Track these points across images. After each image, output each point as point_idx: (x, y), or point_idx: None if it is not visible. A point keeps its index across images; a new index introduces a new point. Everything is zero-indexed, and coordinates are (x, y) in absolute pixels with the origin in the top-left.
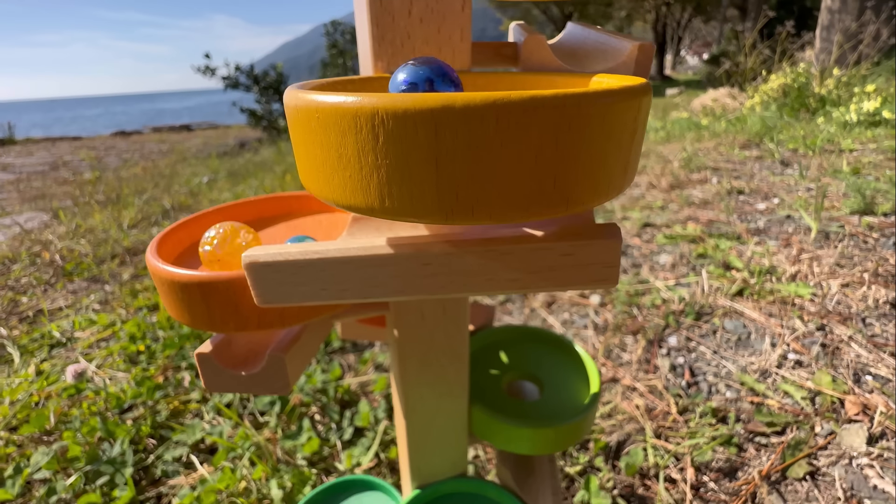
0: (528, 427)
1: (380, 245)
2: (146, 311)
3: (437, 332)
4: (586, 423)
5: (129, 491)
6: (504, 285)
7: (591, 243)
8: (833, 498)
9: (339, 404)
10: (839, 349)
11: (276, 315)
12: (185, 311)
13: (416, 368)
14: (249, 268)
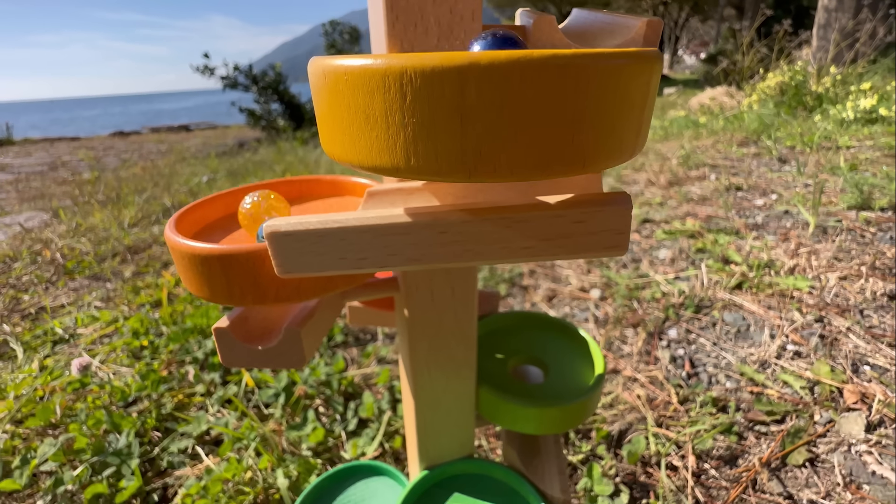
0: (534, 406)
1: (398, 214)
2: (149, 308)
3: (447, 314)
4: (591, 403)
5: (136, 481)
6: (517, 253)
7: (603, 210)
8: (832, 483)
9: (344, 396)
10: (837, 340)
11: (293, 288)
12: (204, 284)
13: (426, 349)
14: (271, 237)
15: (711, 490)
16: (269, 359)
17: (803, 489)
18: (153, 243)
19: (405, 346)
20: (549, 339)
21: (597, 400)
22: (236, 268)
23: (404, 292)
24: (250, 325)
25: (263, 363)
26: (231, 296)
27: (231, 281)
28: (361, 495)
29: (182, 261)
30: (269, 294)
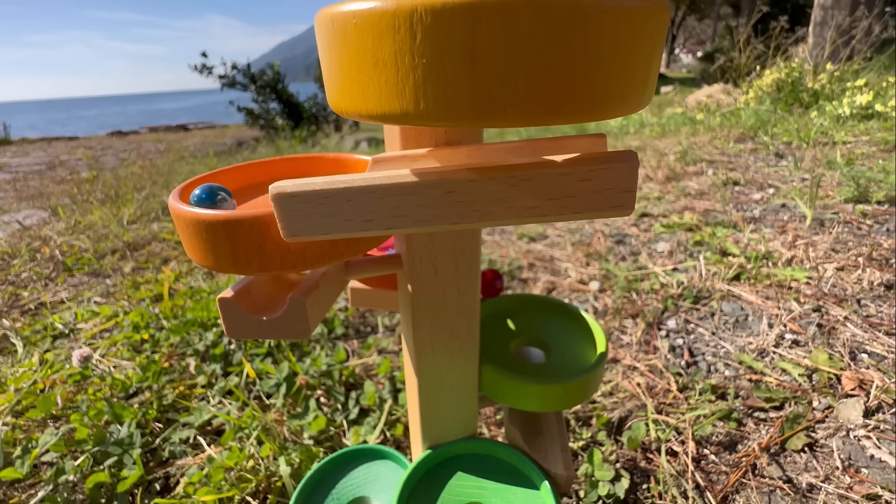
0: (536, 383)
1: (404, 174)
2: (149, 302)
3: (450, 289)
4: (593, 380)
5: (138, 470)
6: (524, 213)
7: (609, 167)
8: (831, 467)
9: (345, 386)
10: (835, 329)
11: (298, 255)
12: (209, 252)
13: (429, 326)
14: (277, 199)
15: (711, 475)
16: (273, 329)
17: (802, 473)
18: (153, 240)
19: (408, 323)
20: (550, 321)
21: (599, 378)
22: (241, 234)
23: (407, 268)
24: (254, 296)
25: (268, 334)
26: (236, 263)
27: (236, 247)
28: (364, 479)
29: (186, 229)
30: (275, 261)
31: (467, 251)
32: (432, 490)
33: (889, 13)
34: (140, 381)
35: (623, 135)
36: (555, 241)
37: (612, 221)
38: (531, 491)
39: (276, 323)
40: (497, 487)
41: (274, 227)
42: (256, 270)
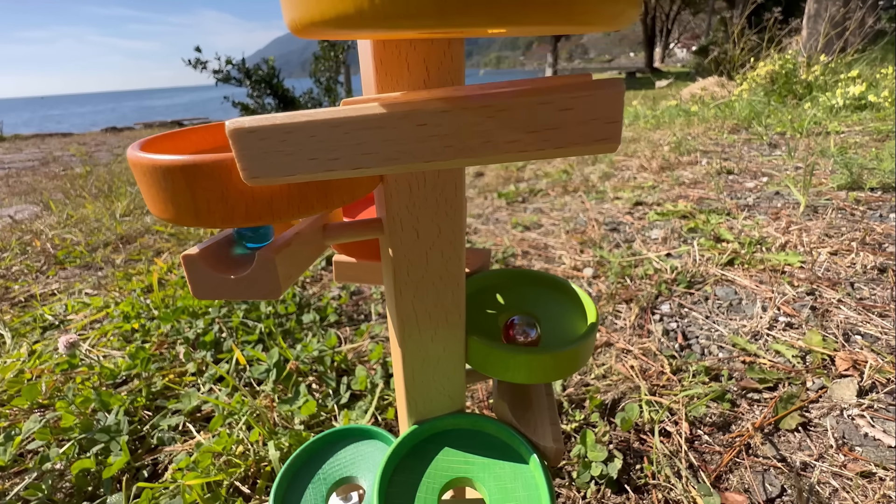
0: (525, 353)
1: (372, 106)
2: (140, 293)
3: (433, 253)
4: (583, 350)
5: (124, 455)
6: (502, 148)
7: (593, 94)
8: (825, 446)
9: (336, 372)
10: (829, 311)
11: (264, 205)
12: (168, 202)
13: (412, 294)
14: (234, 135)
15: (705, 455)
16: (241, 289)
17: (796, 452)
18: (146, 232)
19: (391, 292)
20: (540, 295)
21: (589, 348)
22: (202, 179)
23: (388, 232)
24: (222, 256)
25: (236, 294)
26: (198, 213)
27: (197, 196)
28: (352, 458)
29: (144, 178)
30: (239, 211)
31: (451, 213)
32: (418, 465)
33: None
34: (129, 369)
35: None
36: (549, 229)
37: (608, 210)
38: (520, 465)
39: (245, 282)
40: (485, 462)
41: (236, 173)
42: (220, 222)
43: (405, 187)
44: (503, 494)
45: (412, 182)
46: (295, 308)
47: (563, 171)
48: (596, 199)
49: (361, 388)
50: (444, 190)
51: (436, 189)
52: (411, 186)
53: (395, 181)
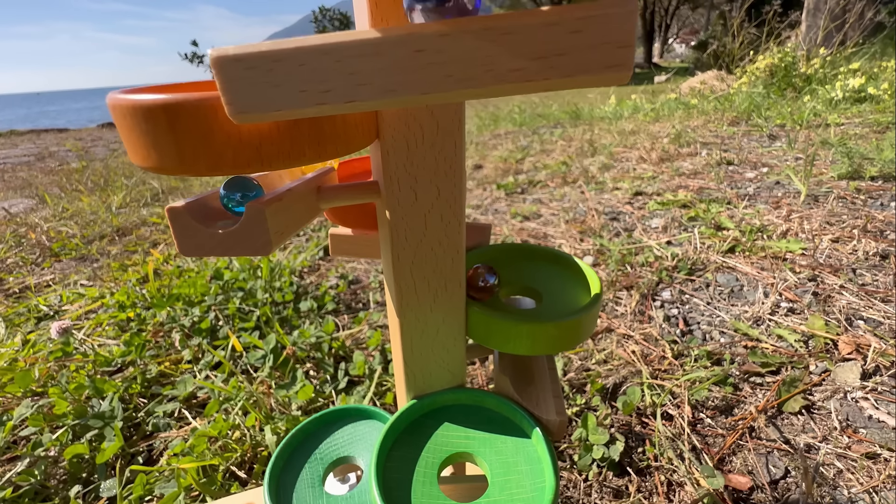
0: (527, 322)
1: (365, 32)
2: (136, 282)
3: (432, 216)
4: (587, 321)
5: (117, 441)
6: (506, 77)
7: (603, 14)
8: (829, 428)
9: (334, 359)
10: (831, 297)
11: (252, 150)
12: (151, 148)
13: (410, 259)
14: (218, 63)
15: (707, 438)
16: (231, 244)
17: (800, 434)
18: (142, 224)
19: (388, 259)
20: (541, 268)
21: (593, 319)
22: (185, 120)
23: (385, 193)
24: (209, 211)
25: (225, 249)
26: (182, 159)
27: (180, 139)
28: (349, 438)
29: (125, 122)
30: (226, 157)
31: (450, 174)
32: (417, 440)
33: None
34: (123, 356)
35: (617, 119)
36: (549, 219)
37: (607, 199)
38: (522, 440)
39: (234, 237)
40: (486, 437)
41: (222, 113)
42: (205, 169)
43: (402, 144)
44: (505, 469)
45: (410, 138)
46: (292, 296)
47: (561, 163)
48: (595, 190)
49: (360, 374)
50: (444, 148)
51: (434, 147)
52: (409, 143)
53: (392, 136)
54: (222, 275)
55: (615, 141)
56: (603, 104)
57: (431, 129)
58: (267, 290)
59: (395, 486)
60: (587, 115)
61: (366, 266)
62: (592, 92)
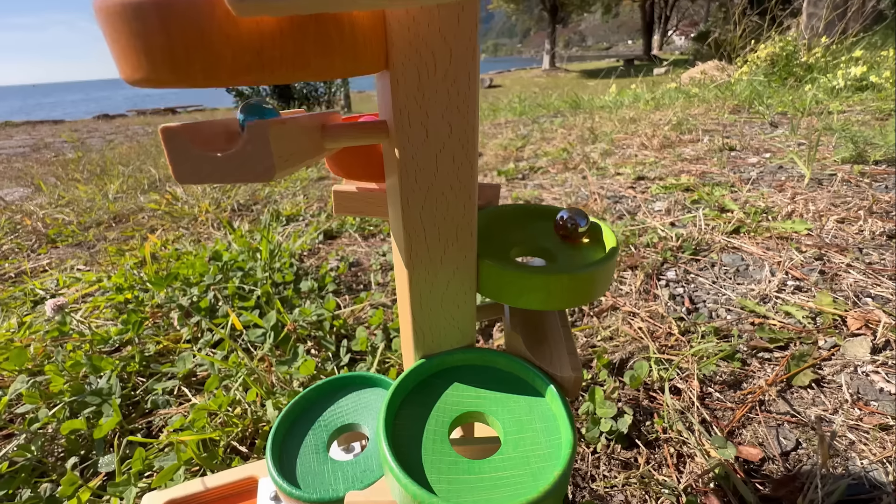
0: (542, 274)
1: None
2: (133, 265)
3: (444, 156)
4: (604, 273)
5: (115, 416)
6: None
7: None
8: (840, 401)
9: (336, 337)
10: (838, 275)
11: (253, 55)
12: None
13: (420, 203)
14: None
15: (716, 411)
16: (231, 169)
17: (810, 407)
18: (139, 211)
19: (397, 202)
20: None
21: (610, 273)
22: (179, 19)
23: (395, 129)
24: (206, 136)
25: (225, 175)
26: (175, 65)
27: (173, 40)
28: (353, 406)
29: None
30: (224, 61)
31: (463, 109)
32: (426, 400)
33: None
34: (120, 334)
35: (617, 108)
36: (550, 203)
37: (609, 184)
38: (535, 398)
39: (234, 160)
40: (497, 396)
41: (220, 9)
42: (201, 77)
43: (413, 73)
44: (519, 427)
45: (421, 67)
46: (292, 277)
47: (562, 150)
48: (597, 175)
49: (362, 349)
50: (457, 80)
51: (447, 78)
52: (420, 73)
53: (402, 64)
54: (221, 255)
55: (616, 128)
56: (603, 94)
57: (444, 57)
58: (266, 270)
59: (404, 444)
60: (587, 104)
61: (366, 249)
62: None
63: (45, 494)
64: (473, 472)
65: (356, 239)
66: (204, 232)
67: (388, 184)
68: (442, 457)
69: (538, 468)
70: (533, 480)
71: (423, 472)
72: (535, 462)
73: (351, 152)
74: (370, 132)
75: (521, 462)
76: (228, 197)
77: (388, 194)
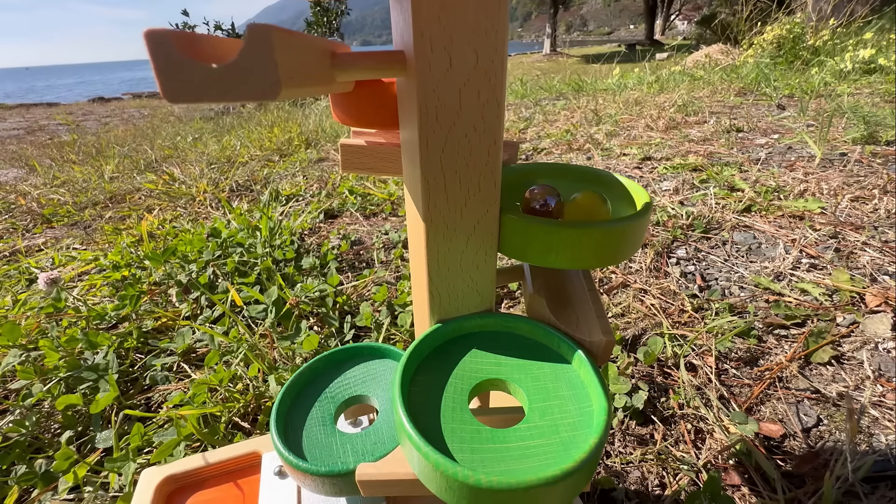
0: (572, 228)
1: None
2: (130, 243)
3: (468, 91)
4: (638, 229)
5: (111, 391)
6: None
7: None
8: (861, 378)
9: (339, 313)
10: (854, 253)
11: None
12: None
13: (440, 145)
14: None
15: (733, 388)
16: (229, 83)
17: (830, 384)
18: (135, 191)
19: (415, 146)
20: (578, 187)
21: (642, 230)
22: None
23: (415, 56)
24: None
25: (222, 91)
26: None
27: None
28: (362, 377)
29: None
30: None
31: (491, 34)
32: (443, 366)
33: None
34: (117, 310)
35: (621, 90)
36: None
37: (615, 164)
38: (561, 365)
39: (233, 71)
40: (520, 363)
41: None
42: None
43: None
44: (544, 395)
45: None
46: (293, 254)
47: (566, 132)
48: (602, 156)
49: (367, 325)
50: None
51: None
52: None
53: None
54: (220, 232)
55: (620, 110)
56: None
57: None
58: (266, 247)
59: (421, 412)
60: (590, 87)
61: (368, 228)
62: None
63: (40, 470)
64: (498, 441)
65: (357, 218)
66: (202, 211)
67: (402, 129)
68: (463, 425)
69: (569, 437)
70: (564, 450)
71: (443, 441)
72: (564, 431)
73: (361, 94)
74: (385, 62)
75: (550, 431)
76: (227, 177)
77: (403, 141)
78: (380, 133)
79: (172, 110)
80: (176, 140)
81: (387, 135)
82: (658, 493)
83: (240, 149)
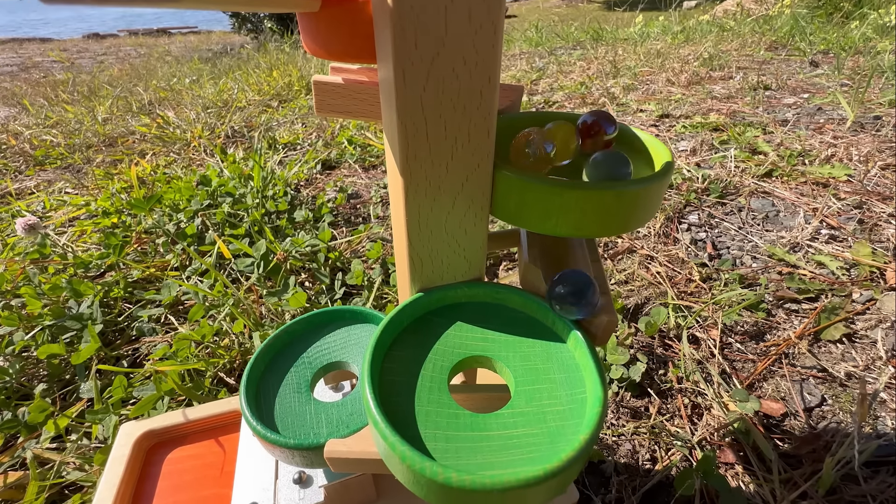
0: (579, 189)
1: None
2: (120, 189)
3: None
4: (655, 194)
5: (93, 342)
6: None
7: None
8: (872, 358)
9: (330, 269)
10: (878, 225)
11: None
12: None
13: (422, 79)
14: None
15: (736, 363)
16: None
17: (839, 363)
18: (129, 135)
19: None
20: None
21: (659, 195)
22: None
23: None
24: None
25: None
26: None
27: None
28: (342, 342)
29: None
30: None
31: None
32: (423, 340)
33: None
34: (102, 258)
35: (643, 40)
36: None
37: (630, 121)
38: (554, 344)
39: None
40: (508, 340)
41: None
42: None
43: None
44: (533, 376)
45: None
46: (286, 206)
47: (580, 84)
48: (618, 112)
49: (358, 283)
50: None
51: None
52: None
53: None
54: (210, 181)
55: (640, 62)
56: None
57: None
58: (258, 197)
59: (394, 391)
60: (609, 36)
61: (366, 180)
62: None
63: (23, 418)
64: (477, 428)
65: (356, 170)
66: (196, 158)
67: (379, 62)
68: (440, 408)
69: (556, 427)
70: (550, 442)
71: (416, 426)
72: (552, 420)
73: (330, 15)
74: None
75: (536, 419)
76: (223, 123)
77: (381, 79)
78: (363, 70)
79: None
80: (172, 81)
81: (370, 73)
82: (648, 468)
83: (237, 93)
